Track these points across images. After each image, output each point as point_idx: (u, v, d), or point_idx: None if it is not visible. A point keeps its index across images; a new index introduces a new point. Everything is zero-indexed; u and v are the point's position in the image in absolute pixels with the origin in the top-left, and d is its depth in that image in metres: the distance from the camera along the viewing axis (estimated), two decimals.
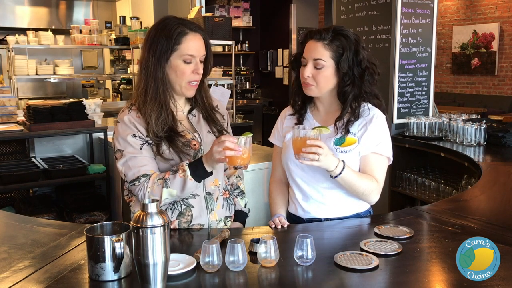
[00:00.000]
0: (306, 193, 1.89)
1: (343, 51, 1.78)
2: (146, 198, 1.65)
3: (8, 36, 5.63)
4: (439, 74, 8.88)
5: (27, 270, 1.40)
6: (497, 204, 2.14)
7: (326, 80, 1.81)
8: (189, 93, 1.77)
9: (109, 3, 7.99)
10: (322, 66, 1.80)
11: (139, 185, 1.68)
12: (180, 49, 1.69)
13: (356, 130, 1.84)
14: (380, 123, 1.85)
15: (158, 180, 1.66)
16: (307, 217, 1.90)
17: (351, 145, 1.82)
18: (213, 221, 1.82)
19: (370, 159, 1.84)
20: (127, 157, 1.70)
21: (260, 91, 8.60)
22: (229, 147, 1.56)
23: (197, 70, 1.73)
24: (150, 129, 1.70)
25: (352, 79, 1.81)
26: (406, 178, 3.87)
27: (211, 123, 1.85)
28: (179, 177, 1.64)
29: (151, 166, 1.70)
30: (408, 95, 4.01)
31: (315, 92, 1.85)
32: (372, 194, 1.82)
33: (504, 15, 7.99)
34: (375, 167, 1.83)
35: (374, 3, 4.05)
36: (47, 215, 3.79)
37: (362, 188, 1.79)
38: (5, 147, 4.15)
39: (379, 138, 1.84)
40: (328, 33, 1.80)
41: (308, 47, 1.83)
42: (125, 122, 1.73)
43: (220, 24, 4.74)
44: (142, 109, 1.71)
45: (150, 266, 1.22)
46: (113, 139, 1.77)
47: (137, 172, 1.69)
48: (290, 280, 1.37)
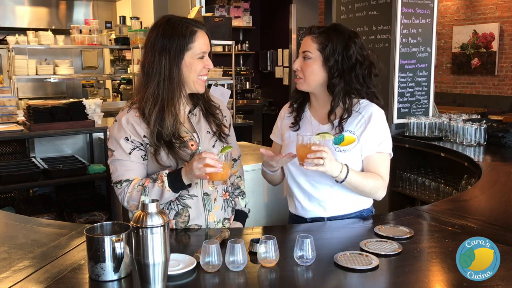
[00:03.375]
0: (307, 192, 1.89)
1: (329, 43, 1.81)
2: (125, 202, 1.73)
3: (8, 36, 5.63)
4: (439, 74, 8.87)
5: (27, 270, 1.40)
6: (497, 204, 2.14)
7: (312, 72, 1.83)
8: (201, 88, 1.79)
9: (109, 3, 7.99)
10: (309, 58, 1.83)
11: (120, 188, 1.74)
12: (194, 47, 1.72)
13: (354, 128, 1.83)
14: (379, 121, 1.85)
15: (138, 187, 1.71)
16: (310, 216, 1.90)
17: (351, 144, 1.81)
18: (210, 222, 1.82)
19: (373, 158, 1.84)
20: (115, 159, 1.75)
21: (260, 91, 8.60)
22: (209, 164, 1.57)
23: (208, 65, 1.77)
24: (152, 133, 1.70)
25: (341, 73, 1.81)
26: (406, 178, 3.87)
27: (211, 123, 1.85)
28: (157, 187, 1.68)
29: (135, 171, 1.74)
30: (408, 95, 4.01)
31: (304, 86, 1.88)
32: (378, 192, 1.84)
33: (504, 15, 7.99)
34: (379, 165, 1.84)
35: (374, 3, 4.05)
36: (47, 215, 3.79)
37: (368, 188, 1.80)
38: (5, 147, 4.15)
39: (381, 137, 1.85)
40: (320, 28, 1.85)
41: (302, 42, 1.90)
42: (121, 123, 1.74)
43: (220, 24, 4.74)
44: (148, 114, 1.70)
45: (150, 266, 1.22)
46: (108, 135, 1.81)
47: (121, 176, 1.73)
48: (290, 280, 1.37)
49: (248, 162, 3.04)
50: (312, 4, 7.96)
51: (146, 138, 1.73)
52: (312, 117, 1.93)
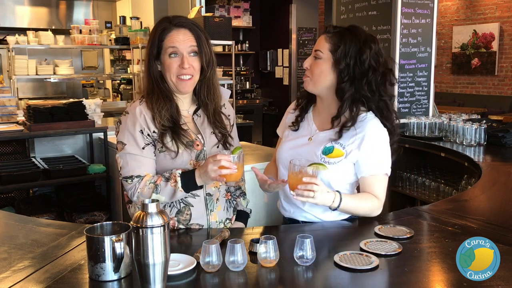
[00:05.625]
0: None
1: (342, 45, 1.74)
2: (135, 197, 1.71)
3: (8, 36, 5.63)
4: (439, 74, 8.87)
5: (27, 270, 1.40)
6: (497, 204, 2.14)
7: (321, 72, 1.77)
8: (183, 89, 1.76)
9: (109, 3, 7.98)
10: (319, 57, 1.78)
11: (131, 184, 1.72)
12: (164, 44, 1.72)
13: (346, 143, 1.76)
14: (373, 143, 1.75)
15: (150, 184, 1.69)
16: (304, 219, 1.88)
17: (337, 158, 1.76)
18: (212, 222, 1.82)
19: (369, 180, 1.79)
20: (127, 152, 1.72)
21: (260, 91, 8.60)
22: (225, 166, 1.58)
23: (183, 64, 1.71)
24: (156, 119, 1.72)
25: (351, 78, 1.74)
26: (406, 178, 3.87)
27: (215, 125, 1.85)
28: (170, 186, 1.68)
29: (147, 167, 1.73)
30: (408, 95, 4.01)
31: (310, 86, 1.82)
32: (374, 212, 1.80)
33: (504, 15, 7.99)
34: (374, 187, 1.78)
35: (374, 3, 4.05)
36: (47, 215, 3.79)
37: (363, 210, 1.78)
38: (5, 147, 4.15)
39: (376, 159, 1.77)
40: (337, 28, 1.79)
41: (317, 41, 1.85)
42: (136, 113, 1.73)
43: (220, 24, 4.74)
44: (149, 102, 1.75)
45: (150, 266, 1.22)
46: (119, 128, 1.76)
47: (132, 171, 1.71)
48: (290, 280, 1.37)
49: (248, 162, 3.03)
50: (312, 4, 7.97)
51: (156, 133, 1.73)
52: (312, 121, 1.89)
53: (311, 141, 1.84)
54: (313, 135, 1.85)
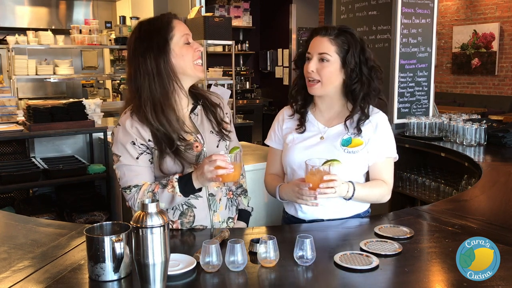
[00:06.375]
0: None
1: (348, 47, 1.80)
2: (135, 207, 1.71)
3: (8, 36, 5.62)
4: (439, 74, 8.87)
5: (27, 270, 1.40)
6: (497, 204, 2.14)
7: (330, 75, 1.80)
8: (201, 74, 1.78)
9: (109, 3, 7.98)
10: (327, 60, 1.80)
11: (130, 194, 1.72)
12: (176, 34, 1.71)
13: (363, 132, 1.85)
14: (386, 128, 1.89)
15: (148, 193, 1.69)
16: (308, 218, 1.90)
17: (358, 146, 1.83)
18: (215, 222, 1.82)
19: (380, 164, 1.88)
20: (122, 164, 1.71)
21: (260, 91, 8.61)
22: (221, 166, 1.57)
23: (198, 47, 1.76)
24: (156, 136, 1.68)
25: (360, 77, 1.81)
26: (406, 178, 3.87)
27: (212, 121, 1.84)
28: (168, 192, 1.67)
29: (143, 176, 1.72)
30: (408, 95, 4.01)
31: (319, 91, 1.83)
32: (384, 198, 1.90)
33: (504, 15, 7.99)
34: (384, 170, 1.89)
35: (374, 3, 4.05)
36: (47, 215, 3.79)
37: (375, 197, 1.87)
38: (5, 147, 4.15)
39: (387, 143, 1.89)
40: (334, 30, 1.83)
41: (313, 43, 1.84)
42: (126, 127, 1.70)
43: (220, 24, 4.74)
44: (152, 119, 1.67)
45: (150, 266, 1.22)
46: (113, 141, 1.75)
47: (130, 181, 1.71)
48: (290, 280, 1.37)
49: (248, 162, 3.04)
50: (312, 4, 7.96)
51: (151, 142, 1.70)
52: (316, 120, 1.91)
53: (324, 139, 1.87)
54: (324, 132, 1.88)
